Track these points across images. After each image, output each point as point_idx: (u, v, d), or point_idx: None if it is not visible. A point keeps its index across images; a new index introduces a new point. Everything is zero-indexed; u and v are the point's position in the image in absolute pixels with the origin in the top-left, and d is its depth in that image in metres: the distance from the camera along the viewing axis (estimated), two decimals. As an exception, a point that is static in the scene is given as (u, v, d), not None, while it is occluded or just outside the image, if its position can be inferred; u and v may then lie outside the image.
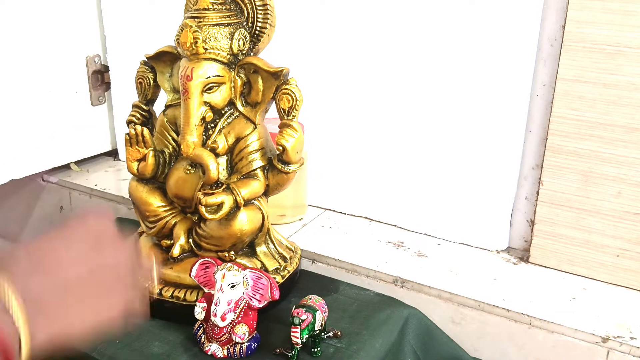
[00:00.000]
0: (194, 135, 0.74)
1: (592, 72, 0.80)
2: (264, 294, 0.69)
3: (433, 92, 0.93)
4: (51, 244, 0.49)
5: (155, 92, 0.84)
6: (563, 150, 0.84)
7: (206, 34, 0.73)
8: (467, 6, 0.87)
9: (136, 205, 0.83)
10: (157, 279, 0.75)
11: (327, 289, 0.85)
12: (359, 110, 1.00)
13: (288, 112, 0.74)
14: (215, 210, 0.73)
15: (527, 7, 0.83)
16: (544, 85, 0.87)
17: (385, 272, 0.87)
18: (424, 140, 0.96)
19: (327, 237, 0.98)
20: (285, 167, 0.76)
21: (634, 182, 0.81)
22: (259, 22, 0.76)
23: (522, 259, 0.92)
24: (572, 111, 0.82)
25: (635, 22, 0.76)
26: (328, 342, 0.73)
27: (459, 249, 0.95)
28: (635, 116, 0.79)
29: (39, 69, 1.11)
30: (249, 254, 0.79)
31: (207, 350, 0.71)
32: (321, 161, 1.04)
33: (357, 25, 0.97)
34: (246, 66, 0.76)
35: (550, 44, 0.85)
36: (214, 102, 0.75)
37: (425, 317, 0.82)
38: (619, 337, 0.74)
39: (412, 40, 0.93)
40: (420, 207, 0.98)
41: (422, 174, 0.97)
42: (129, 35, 1.19)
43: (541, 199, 0.88)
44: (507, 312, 0.79)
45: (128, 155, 0.80)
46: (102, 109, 1.25)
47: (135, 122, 0.83)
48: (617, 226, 0.83)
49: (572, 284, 0.86)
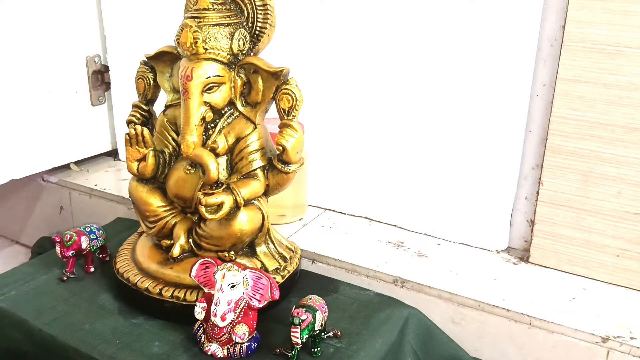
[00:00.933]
0: (194, 135, 0.74)
1: (592, 72, 0.80)
2: (264, 294, 0.69)
3: (433, 92, 0.93)
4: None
5: (155, 92, 0.84)
6: (563, 150, 0.84)
7: (206, 34, 0.73)
8: (467, 6, 0.87)
9: (136, 205, 0.83)
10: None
11: (327, 289, 0.85)
12: (358, 111, 1.00)
13: (288, 112, 0.74)
14: (215, 210, 0.73)
15: (527, 7, 0.83)
16: (544, 85, 0.87)
17: (385, 272, 0.87)
18: (424, 140, 0.96)
19: (327, 237, 0.98)
20: (285, 167, 0.76)
21: (634, 182, 0.81)
22: (259, 22, 0.76)
23: (522, 259, 0.92)
24: (572, 111, 0.83)
25: (635, 22, 0.76)
26: (328, 342, 0.73)
27: (459, 249, 0.95)
28: (635, 116, 0.79)
29: (39, 69, 1.11)
30: (249, 254, 0.79)
31: (207, 350, 0.71)
32: (321, 161, 1.05)
33: (357, 26, 0.97)
34: (246, 66, 0.76)
35: (550, 44, 0.85)
36: (214, 102, 0.75)
37: (425, 317, 0.82)
38: (619, 337, 0.74)
39: (412, 41, 0.93)
40: (420, 207, 0.98)
41: (422, 174, 0.97)
42: (129, 35, 1.19)
43: (541, 199, 0.88)
44: (507, 312, 0.79)
45: (128, 155, 0.80)
46: (102, 109, 1.25)
47: (135, 122, 0.83)
48: (617, 226, 0.83)
49: (572, 284, 0.86)
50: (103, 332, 0.74)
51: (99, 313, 0.78)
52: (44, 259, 0.92)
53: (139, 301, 0.78)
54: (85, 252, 0.86)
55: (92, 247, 0.87)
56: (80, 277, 0.87)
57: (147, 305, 0.77)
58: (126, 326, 0.76)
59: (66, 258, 0.84)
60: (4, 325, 0.79)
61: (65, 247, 0.83)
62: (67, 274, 0.85)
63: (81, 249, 0.85)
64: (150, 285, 0.77)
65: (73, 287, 0.84)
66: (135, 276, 0.79)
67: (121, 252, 0.85)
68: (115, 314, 0.78)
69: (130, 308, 0.79)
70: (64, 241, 0.83)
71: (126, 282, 0.79)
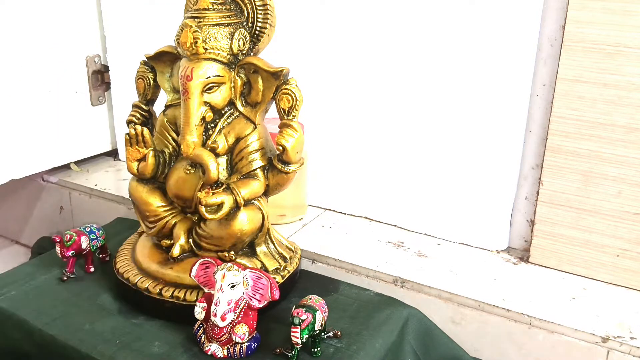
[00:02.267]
0: (194, 135, 0.74)
1: (592, 72, 0.80)
2: (264, 294, 0.69)
3: (433, 92, 0.93)
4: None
5: (155, 92, 0.84)
6: (563, 150, 0.84)
7: (206, 34, 0.73)
8: (467, 6, 0.87)
9: (136, 205, 0.83)
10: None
11: (327, 289, 0.85)
12: (358, 111, 1.00)
13: (288, 112, 0.74)
14: (215, 210, 0.73)
15: (527, 7, 0.83)
16: (544, 85, 0.87)
17: (385, 272, 0.87)
18: (424, 140, 0.96)
19: (327, 237, 0.98)
20: (285, 167, 0.76)
21: (634, 182, 0.81)
22: (259, 22, 0.76)
23: (522, 259, 0.92)
24: (572, 111, 0.83)
25: (635, 22, 0.76)
26: (328, 342, 0.73)
27: (459, 249, 0.95)
28: (635, 116, 0.79)
29: (39, 69, 1.11)
30: (249, 254, 0.79)
31: (207, 350, 0.71)
32: (321, 161, 1.05)
33: (357, 26, 0.97)
34: (246, 66, 0.76)
35: (550, 44, 0.85)
36: (214, 102, 0.75)
37: (425, 317, 0.82)
38: (619, 337, 0.74)
39: (412, 41, 0.93)
40: (420, 207, 0.98)
41: (422, 174, 0.97)
42: (129, 35, 1.19)
43: (541, 199, 0.88)
44: (507, 312, 0.79)
45: (128, 155, 0.80)
46: (102, 109, 1.25)
47: (135, 122, 0.83)
48: (617, 226, 0.83)
49: (572, 284, 0.86)
50: (103, 332, 0.74)
51: (99, 313, 0.78)
52: (44, 259, 0.92)
53: (139, 301, 0.78)
54: (85, 252, 0.86)
55: (92, 247, 0.87)
56: (80, 277, 0.87)
57: (147, 305, 0.77)
58: (126, 326, 0.76)
59: (66, 258, 0.84)
60: (4, 325, 0.79)
61: (65, 247, 0.83)
62: (67, 274, 0.85)
63: (81, 249, 0.85)
64: (150, 285, 0.77)
65: (73, 287, 0.84)
66: (135, 276, 0.79)
67: (121, 252, 0.85)
68: (115, 314, 0.78)
69: (130, 308, 0.79)
70: (64, 241, 0.83)
71: (126, 282, 0.79)
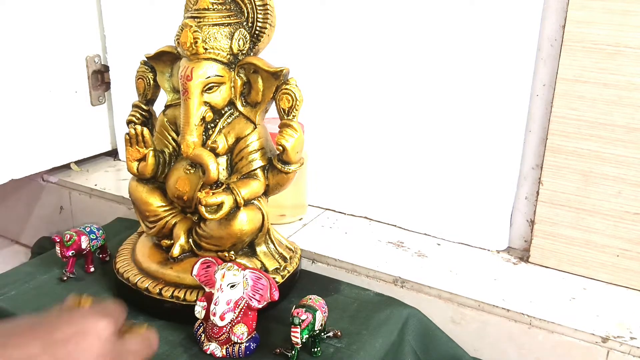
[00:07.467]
0: (194, 135, 0.74)
1: (592, 72, 0.80)
2: (263, 295, 0.69)
3: (433, 92, 0.93)
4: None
5: (155, 92, 0.84)
6: (563, 150, 0.84)
7: (206, 34, 0.73)
8: (467, 6, 0.87)
9: (136, 205, 0.83)
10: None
11: (327, 289, 0.85)
12: (358, 111, 1.00)
13: (288, 112, 0.74)
14: (215, 210, 0.73)
15: (527, 7, 0.83)
16: (544, 85, 0.87)
17: (385, 272, 0.87)
18: (424, 140, 0.96)
19: (327, 237, 0.98)
20: (285, 167, 0.76)
21: (634, 182, 0.81)
22: (259, 22, 0.76)
23: (522, 259, 0.92)
24: (572, 111, 0.82)
25: (635, 22, 0.76)
26: (328, 342, 0.73)
27: (459, 249, 0.95)
28: (635, 116, 0.79)
29: (39, 69, 1.11)
30: (249, 254, 0.79)
31: (206, 349, 0.71)
32: (321, 161, 1.04)
33: (357, 25, 0.97)
34: (246, 66, 0.76)
35: (550, 44, 0.85)
36: (214, 102, 0.75)
37: (425, 317, 0.82)
38: (619, 337, 0.74)
39: (412, 41, 0.93)
40: (420, 207, 0.98)
41: (422, 174, 0.97)
42: (129, 35, 1.19)
43: (541, 199, 0.88)
44: (507, 312, 0.79)
45: (128, 155, 0.80)
46: (102, 109, 1.25)
47: (135, 122, 0.83)
48: (617, 226, 0.83)
49: (572, 284, 0.86)
50: (103, 332, 0.74)
51: (99, 313, 0.78)
52: (44, 259, 0.92)
53: (139, 301, 0.78)
54: (85, 252, 0.86)
55: (92, 247, 0.87)
56: (80, 277, 0.87)
57: (147, 305, 0.77)
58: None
59: (66, 258, 0.84)
60: (4, 325, 0.79)
61: (65, 247, 0.83)
62: (67, 274, 0.85)
63: (81, 249, 0.85)
64: (150, 285, 0.77)
65: (73, 287, 0.84)
66: (135, 276, 0.79)
67: (121, 252, 0.85)
68: (115, 314, 0.78)
69: (130, 308, 0.79)
70: (64, 241, 0.83)
71: (126, 282, 0.79)
